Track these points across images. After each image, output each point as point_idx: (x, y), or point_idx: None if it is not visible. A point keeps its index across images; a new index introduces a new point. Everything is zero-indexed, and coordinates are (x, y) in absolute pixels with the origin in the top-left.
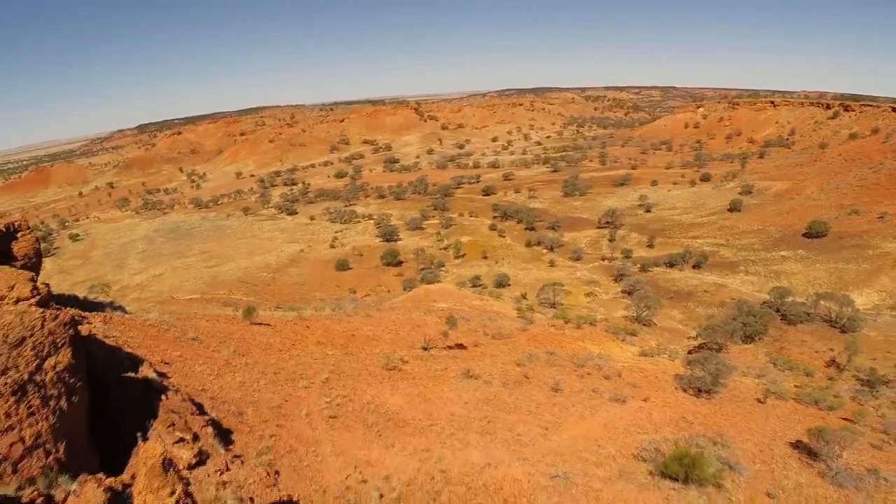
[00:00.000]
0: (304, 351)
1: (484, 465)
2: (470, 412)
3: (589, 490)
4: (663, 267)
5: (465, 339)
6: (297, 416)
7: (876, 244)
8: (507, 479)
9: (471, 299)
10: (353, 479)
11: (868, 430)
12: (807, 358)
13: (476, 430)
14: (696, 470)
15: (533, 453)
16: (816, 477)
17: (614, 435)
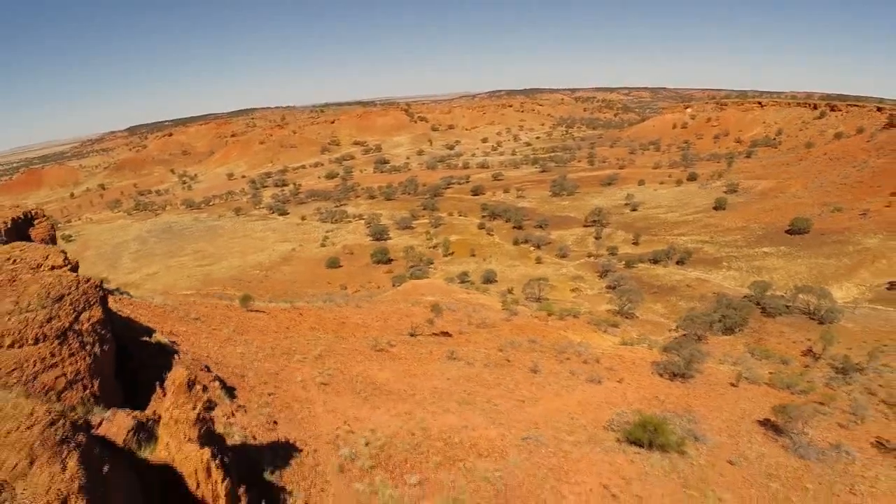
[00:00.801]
0: (297, 333)
1: (461, 427)
2: (451, 386)
3: (558, 450)
4: (648, 263)
5: (451, 328)
6: (293, 381)
7: (857, 240)
8: (482, 438)
9: (457, 293)
10: (342, 429)
11: (837, 411)
12: (784, 348)
13: (456, 400)
14: (660, 437)
15: (508, 420)
16: (780, 449)
17: (587, 410)
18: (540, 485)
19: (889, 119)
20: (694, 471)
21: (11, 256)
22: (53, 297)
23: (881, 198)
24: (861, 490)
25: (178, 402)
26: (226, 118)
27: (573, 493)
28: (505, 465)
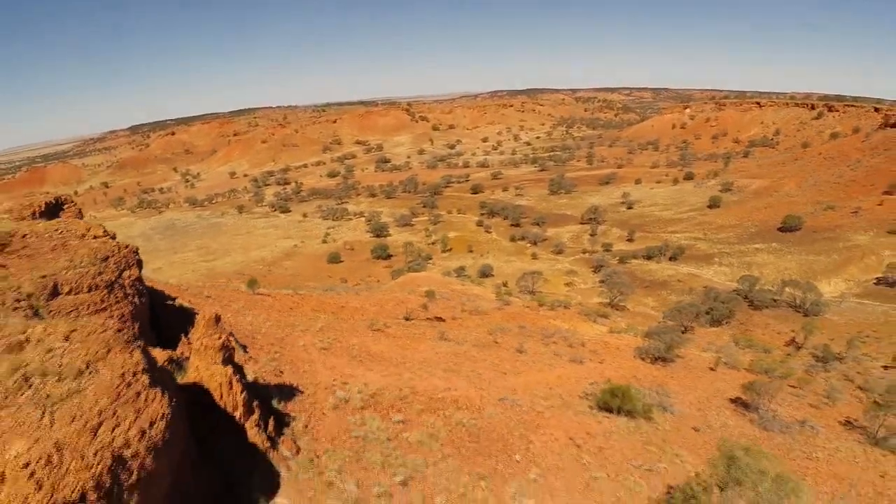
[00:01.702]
0: (300, 312)
1: (445, 388)
2: (439, 358)
3: (531, 410)
4: (641, 259)
5: (444, 313)
6: (296, 345)
7: (847, 237)
8: (462, 396)
9: (453, 284)
10: (338, 381)
11: (811, 394)
12: (768, 338)
13: (442, 368)
14: (627, 403)
15: (489, 386)
16: (746, 422)
17: (565, 383)
18: (510, 432)
19: (884, 119)
20: (657, 433)
21: (59, 228)
22: (100, 257)
23: (874, 196)
24: (817, 457)
25: (208, 332)
26: (228, 117)
27: (540, 440)
28: (480, 416)
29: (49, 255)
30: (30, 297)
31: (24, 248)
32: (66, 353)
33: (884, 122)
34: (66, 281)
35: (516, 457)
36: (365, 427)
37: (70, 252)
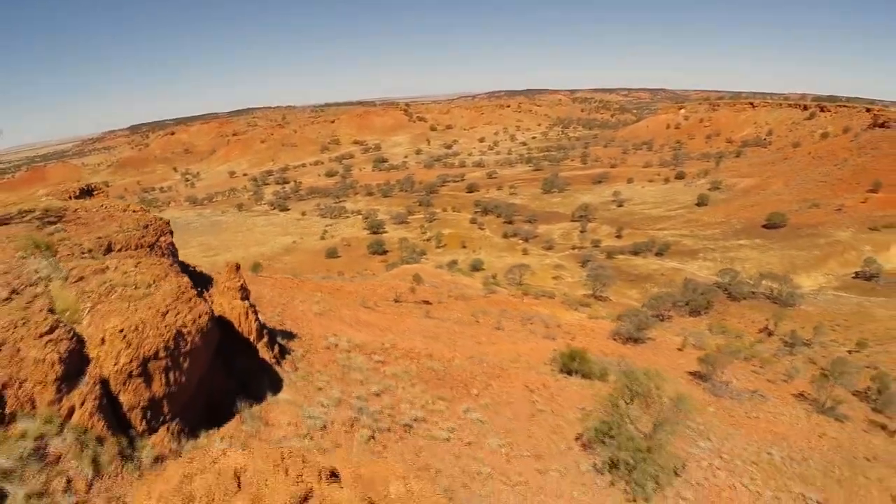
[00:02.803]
0: (300, 291)
1: (423, 348)
2: (422, 329)
3: (496, 367)
4: (628, 255)
5: (431, 298)
6: (296, 309)
7: (829, 233)
8: (437, 352)
9: (443, 275)
10: (330, 335)
11: (771, 373)
12: (743, 326)
13: (423, 335)
14: (584, 365)
15: (462, 350)
16: (699, 389)
17: (534, 353)
18: (473, 378)
19: (873, 119)
20: (607, 388)
21: (104, 204)
22: (142, 224)
23: (858, 194)
24: (758, 416)
25: (230, 277)
26: (227, 117)
27: (498, 384)
28: (449, 365)
29: (100, 223)
30: (90, 252)
31: (78, 219)
32: (137, 274)
33: (873, 122)
34: (118, 241)
35: (474, 391)
36: (350, 361)
37: (117, 221)
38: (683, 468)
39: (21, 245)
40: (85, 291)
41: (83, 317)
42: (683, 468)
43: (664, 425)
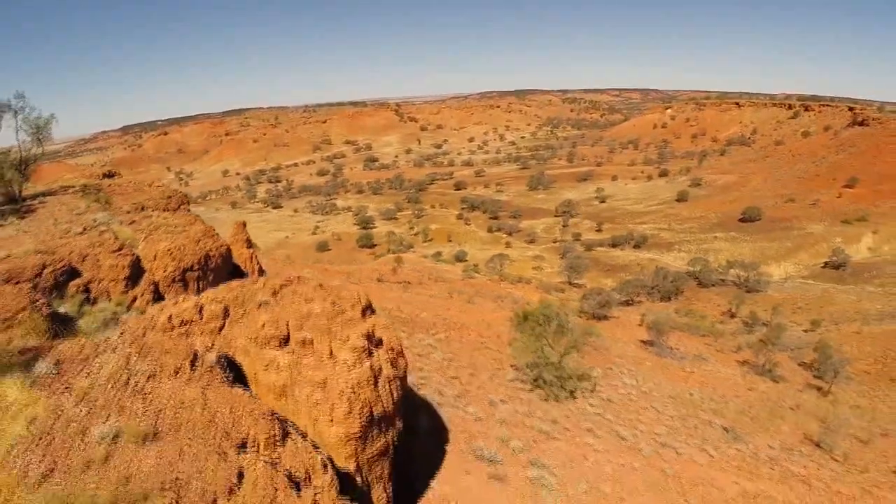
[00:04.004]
0: (291, 267)
1: (395, 307)
2: (398, 297)
3: (458, 322)
4: (607, 247)
5: (411, 279)
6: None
7: (802, 226)
8: (407, 311)
9: (426, 263)
10: None
11: (722, 345)
12: (709, 309)
13: (398, 302)
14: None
15: (432, 311)
16: (645, 352)
17: (498, 319)
18: (435, 325)
19: (853, 118)
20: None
21: (132, 180)
22: (166, 195)
23: (834, 190)
24: (692, 371)
25: (238, 231)
26: (219, 118)
27: (456, 330)
28: (416, 318)
29: (133, 193)
30: (129, 213)
31: (113, 191)
32: (173, 219)
33: (852, 120)
34: (149, 205)
35: (432, 332)
36: None
37: (146, 192)
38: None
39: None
40: (138, 229)
41: (139, 243)
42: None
43: (574, 346)
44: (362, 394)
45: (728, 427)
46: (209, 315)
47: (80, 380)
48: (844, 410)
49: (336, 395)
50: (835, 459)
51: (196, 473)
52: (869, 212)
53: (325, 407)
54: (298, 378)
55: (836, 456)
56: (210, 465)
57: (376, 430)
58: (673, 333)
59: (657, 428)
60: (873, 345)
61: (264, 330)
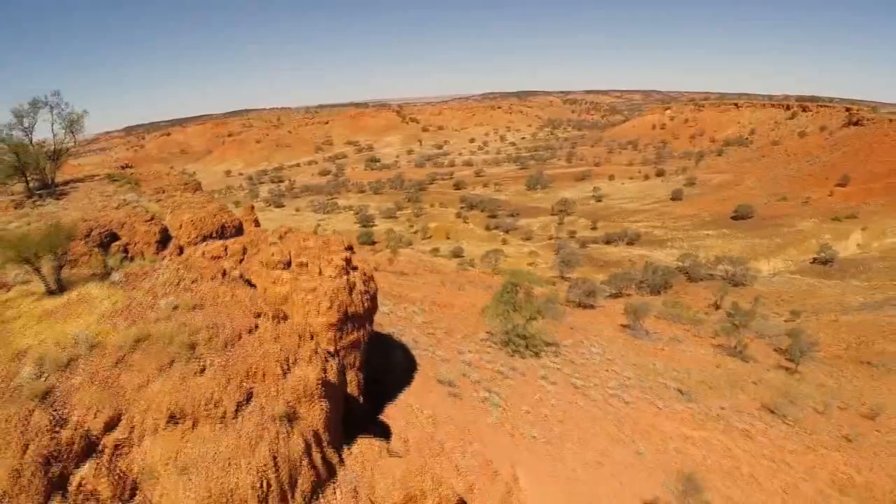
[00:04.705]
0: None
1: (389, 288)
2: (394, 282)
3: (445, 302)
4: (601, 244)
5: (407, 269)
6: None
7: (793, 223)
8: (398, 291)
9: (422, 256)
10: None
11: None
12: (696, 302)
13: (391, 285)
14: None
15: (423, 295)
16: (622, 334)
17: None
18: (422, 301)
19: (849, 118)
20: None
21: (152, 170)
22: (183, 182)
23: (826, 188)
24: (664, 349)
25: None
26: (222, 118)
27: (440, 307)
28: (408, 295)
29: (153, 180)
30: (154, 194)
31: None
32: (191, 198)
33: (847, 120)
34: (168, 189)
35: (418, 303)
36: None
37: (165, 179)
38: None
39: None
40: (165, 205)
41: (166, 216)
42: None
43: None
44: (340, 296)
45: (684, 391)
46: (232, 252)
47: (145, 283)
48: (807, 387)
49: (322, 295)
50: (786, 423)
51: (228, 322)
52: (859, 209)
53: (314, 304)
54: (296, 288)
55: (788, 421)
56: (237, 318)
57: (350, 325)
58: (653, 320)
59: (611, 383)
60: (848, 332)
61: (273, 257)
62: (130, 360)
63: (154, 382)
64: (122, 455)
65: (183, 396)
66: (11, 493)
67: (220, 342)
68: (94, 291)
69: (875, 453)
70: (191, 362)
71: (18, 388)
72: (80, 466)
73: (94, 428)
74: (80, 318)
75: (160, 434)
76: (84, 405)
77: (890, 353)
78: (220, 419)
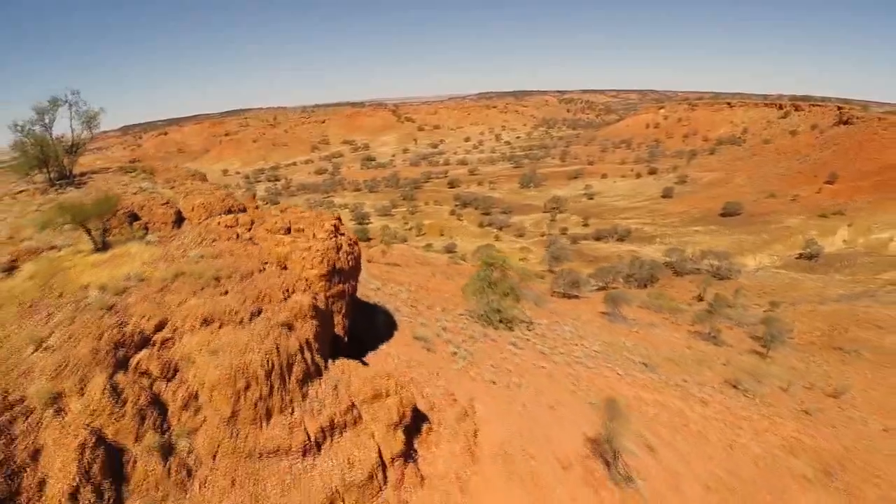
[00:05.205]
0: None
1: (378, 274)
2: (386, 271)
3: (432, 286)
4: (591, 240)
5: (399, 262)
6: None
7: (780, 220)
8: (387, 276)
9: (415, 251)
10: None
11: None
12: (680, 294)
13: (382, 272)
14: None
15: (412, 280)
16: (601, 318)
17: None
18: (410, 284)
19: (839, 117)
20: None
21: (159, 164)
22: (189, 174)
23: (814, 186)
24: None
25: (252, 200)
26: (219, 118)
27: (426, 290)
28: (396, 279)
29: (162, 172)
30: (166, 183)
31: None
32: (200, 186)
33: (838, 119)
34: (177, 180)
35: (406, 286)
36: None
37: (173, 171)
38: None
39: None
40: (178, 192)
41: (179, 200)
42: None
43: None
44: (329, 254)
45: (648, 364)
46: (242, 223)
47: (174, 242)
48: (776, 368)
49: (315, 252)
50: (747, 397)
51: (241, 267)
52: (846, 206)
53: (308, 259)
54: (295, 248)
55: (749, 395)
56: (249, 264)
57: (337, 278)
58: (634, 309)
59: (576, 352)
60: (823, 321)
61: (276, 224)
62: (171, 287)
63: (190, 300)
64: (167, 347)
65: (211, 308)
66: (92, 363)
67: (238, 277)
68: (133, 248)
69: (833, 426)
70: (216, 288)
71: (90, 304)
72: (138, 353)
73: (147, 328)
74: (127, 265)
75: (196, 332)
76: (139, 314)
77: (862, 339)
78: (238, 322)
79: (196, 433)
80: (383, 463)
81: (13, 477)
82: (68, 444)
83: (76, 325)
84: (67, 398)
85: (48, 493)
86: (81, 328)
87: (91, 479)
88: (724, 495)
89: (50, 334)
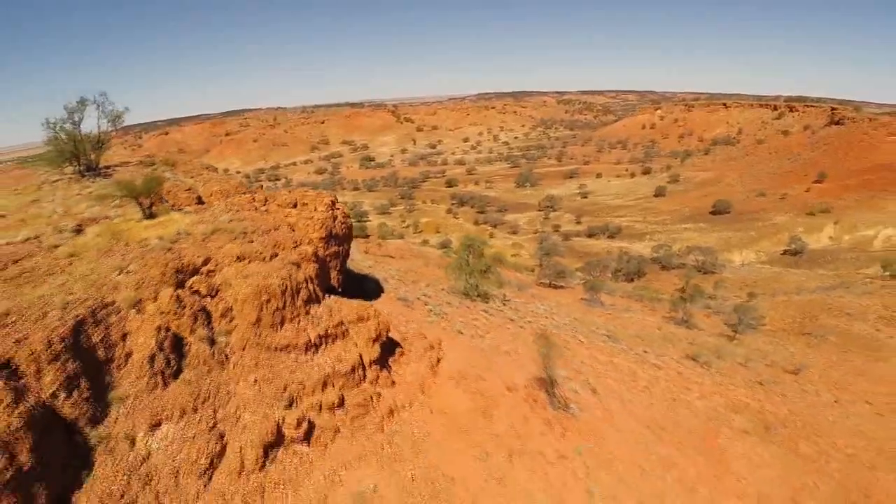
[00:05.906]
0: None
1: (373, 264)
2: (377, 259)
3: (424, 274)
4: (583, 237)
5: (394, 254)
6: None
7: (768, 217)
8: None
9: (411, 245)
10: None
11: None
12: (665, 287)
13: (377, 259)
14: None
15: (404, 267)
16: (578, 303)
17: None
18: (402, 267)
19: (831, 117)
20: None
21: (182, 159)
22: (205, 167)
23: (803, 184)
24: (611, 314)
25: (260, 189)
26: (219, 118)
27: (416, 275)
28: (389, 264)
29: (182, 165)
30: (185, 173)
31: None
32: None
33: (830, 119)
34: (193, 172)
35: (397, 265)
36: None
37: (190, 164)
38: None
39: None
40: (197, 180)
41: (199, 187)
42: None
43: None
44: (327, 222)
45: (612, 336)
46: (258, 199)
47: (207, 212)
48: (742, 349)
49: (316, 221)
50: (703, 367)
51: (261, 226)
52: (833, 204)
53: (311, 226)
54: (300, 218)
55: (706, 366)
56: (267, 226)
57: (333, 241)
58: (616, 298)
59: (543, 322)
60: (796, 309)
61: (285, 200)
62: (211, 238)
63: (227, 245)
64: (211, 276)
65: (243, 250)
66: (161, 281)
67: (260, 232)
68: (175, 216)
69: (783, 395)
70: (245, 238)
71: (153, 248)
72: (191, 278)
73: (196, 262)
74: (174, 226)
75: (232, 265)
76: (190, 254)
77: (831, 325)
78: (262, 259)
79: (231, 333)
80: (364, 364)
81: (110, 349)
82: (147, 330)
83: (146, 258)
84: (145, 302)
85: (133, 359)
86: (152, 259)
87: (163, 351)
88: (659, 434)
89: (128, 264)
